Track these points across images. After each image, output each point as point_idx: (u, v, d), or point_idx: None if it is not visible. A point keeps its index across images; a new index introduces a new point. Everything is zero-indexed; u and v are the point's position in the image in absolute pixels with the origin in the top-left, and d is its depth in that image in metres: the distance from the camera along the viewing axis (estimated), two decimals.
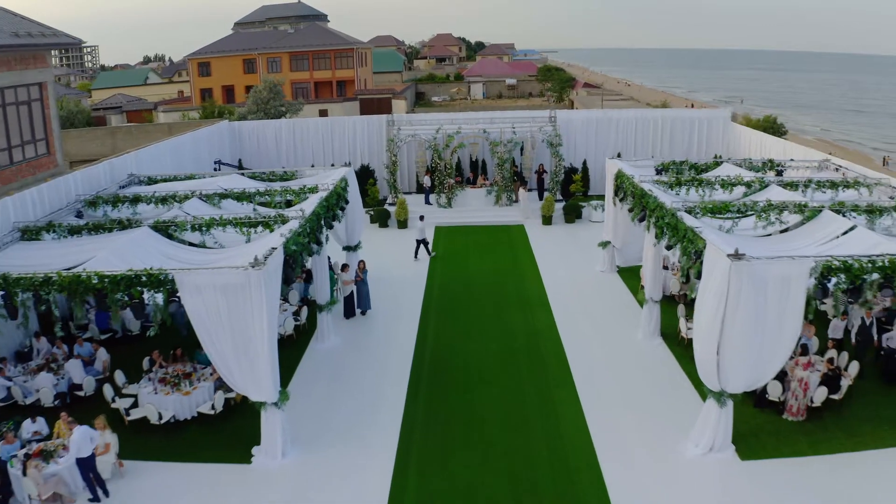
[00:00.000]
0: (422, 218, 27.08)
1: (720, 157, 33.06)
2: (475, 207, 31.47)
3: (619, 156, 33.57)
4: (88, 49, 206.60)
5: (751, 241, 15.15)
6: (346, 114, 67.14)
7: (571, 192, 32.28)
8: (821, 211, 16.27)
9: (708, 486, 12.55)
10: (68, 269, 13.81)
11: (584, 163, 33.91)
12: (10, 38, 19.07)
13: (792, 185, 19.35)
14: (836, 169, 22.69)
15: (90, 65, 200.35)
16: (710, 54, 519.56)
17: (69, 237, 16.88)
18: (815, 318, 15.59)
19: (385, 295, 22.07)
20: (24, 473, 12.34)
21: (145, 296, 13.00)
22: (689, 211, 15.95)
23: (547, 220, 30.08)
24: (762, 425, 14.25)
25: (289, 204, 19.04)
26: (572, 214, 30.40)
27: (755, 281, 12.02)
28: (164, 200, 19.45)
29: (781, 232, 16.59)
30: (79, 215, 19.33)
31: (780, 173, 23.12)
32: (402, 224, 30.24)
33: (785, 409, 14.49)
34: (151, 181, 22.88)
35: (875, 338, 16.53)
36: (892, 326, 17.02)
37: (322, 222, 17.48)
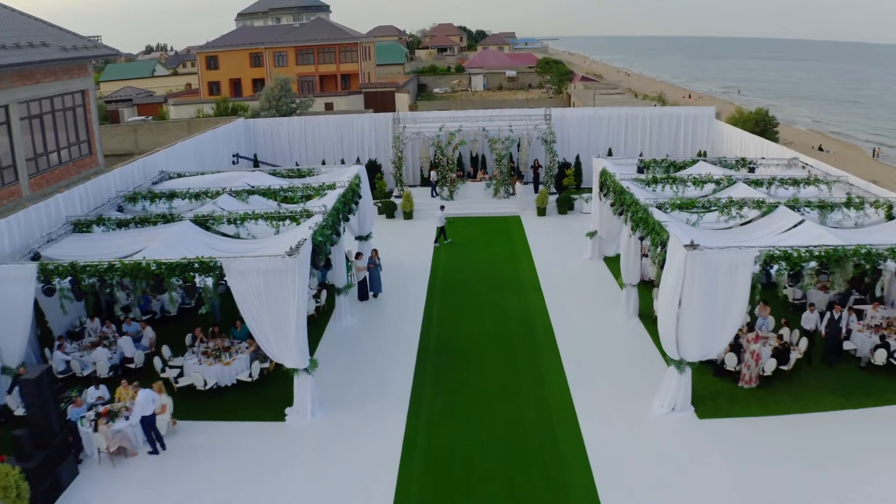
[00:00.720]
0: (442, 208, 29.58)
1: (704, 152, 35.50)
2: (475, 200, 33.82)
3: (609, 151, 36.11)
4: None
5: (712, 233, 17.58)
6: (351, 107, 69.43)
7: (564, 185, 34.61)
8: (776, 207, 18.65)
9: (670, 440, 14.96)
10: (123, 257, 16.25)
11: (577, 157, 36.25)
12: (59, 53, 21.39)
13: (757, 183, 21.71)
14: (803, 167, 25.04)
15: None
16: (712, 42, 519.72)
17: (118, 230, 19.28)
18: (790, 310, 18.06)
19: (394, 280, 24.47)
20: (95, 430, 14.76)
21: (197, 280, 15.38)
22: (660, 206, 18.34)
23: (541, 211, 32.43)
24: (719, 391, 16.68)
25: (308, 198, 21.43)
26: (565, 206, 32.74)
27: (707, 268, 14.43)
28: (197, 196, 21.88)
29: (742, 224, 18.96)
30: (119, 209, 21.72)
31: (752, 170, 25.50)
32: (408, 215, 32.60)
33: (740, 377, 16.91)
34: (180, 177, 25.30)
35: (843, 330, 18.14)
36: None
37: (340, 216, 19.86)
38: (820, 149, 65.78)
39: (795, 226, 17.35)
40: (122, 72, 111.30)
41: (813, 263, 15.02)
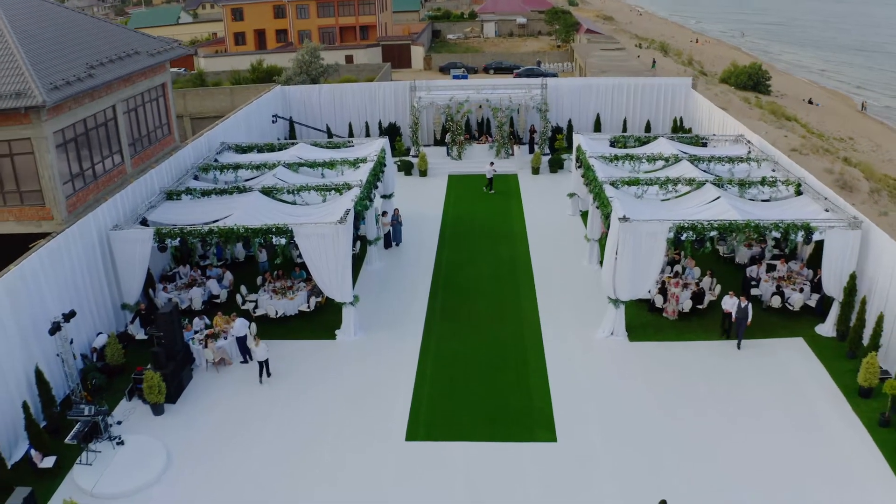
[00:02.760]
0: (492, 164, 35.71)
1: (681, 118, 40.62)
2: (480, 160, 39.26)
3: (598, 117, 41.28)
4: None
5: (651, 204, 23.30)
6: (370, 60, 73.90)
7: (556, 147, 40.00)
8: (704, 184, 24.25)
9: (606, 357, 20.98)
10: (212, 222, 22.23)
11: (570, 122, 41.49)
12: (149, 59, 26.91)
13: (699, 160, 27.19)
14: (747, 143, 30.29)
15: None
16: None
17: (202, 198, 25.16)
18: (720, 262, 23.82)
19: (412, 231, 30.33)
20: (205, 347, 20.99)
21: (273, 239, 21.36)
22: (613, 184, 24.02)
23: (535, 170, 37.99)
24: (649, 322, 22.70)
25: (349, 165, 27.17)
26: (556, 166, 38.23)
27: (633, 234, 20.30)
28: (258, 167, 27.73)
29: (678, 197, 24.59)
30: (196, 178, 27.60)
31: (704, 145, 30.90)
32: (423, 173, 38.25)
33: (665, 312, 22.92)
34: (238, 147, 31.07)
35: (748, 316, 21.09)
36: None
37: (372, 187, 25.71)
38: (809, 101, 69.39)
39: (712, 201, 22.98)
40: (148, 19, 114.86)
41: (713, 233, 20.80)
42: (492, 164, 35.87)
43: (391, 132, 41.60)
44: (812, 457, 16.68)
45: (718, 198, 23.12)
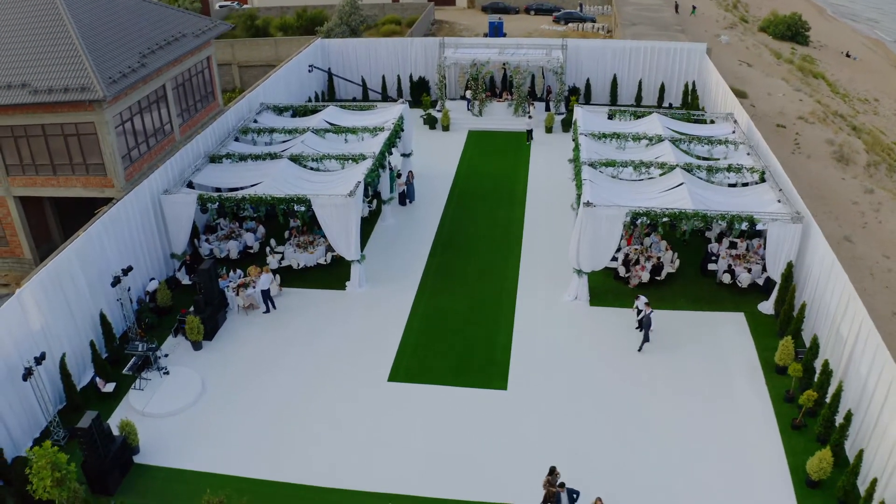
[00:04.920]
0: (530, 117, 38.79)
1: (693, 83, 41.78)
2: (499, 117, 41.60)
3: (614, 77, 42.76)
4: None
5: (618, 186, 25.81)
6: None
7: (570, 108, 41.88)
8: (674, 168, 26.52)
9: (567, 317, 24.09)
10: (246, 186, 25.83)
11: (588, 81, 43.11)
12: (195, 40, 29.93)
13: (679, 141, 29.22)
14: (734, 122, 31.92)
15: None
16: None
17: (239, 162, 28.65)
18: (683, 242, 26.31)
19: (426, 187, 33.35)
20: (237, 294, 24.96)
21: (295, 207, 24.89)
22: (592, 164, 26.52)
23: (548, 129, 40.16)
24: (612, 289, 25.63)
25: (373, 132, 30.21)
26: (568, 125, 40.18)
27: (594, 218, 23.09)
28: (290, 132, 31.02)
29: (650, 179, 26.96)
30: (236, 140, 31.06)
31: (696, 121, 32.66)
32: (446, 128, 40.86)
33: (628, 282, 25.81)
34: (276, 108, 34.31)
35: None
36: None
37: (384, 157, 28.75)
38: (847, 55, 67.59)
39: (675, 187, 25.34)
40: None
41: (665, 219, 23.39)
42: (530, 117, 38.44)
43: (420, 86, 44.14)
44: (714, 422, 19.64)
45: (682, 184, 25.43)
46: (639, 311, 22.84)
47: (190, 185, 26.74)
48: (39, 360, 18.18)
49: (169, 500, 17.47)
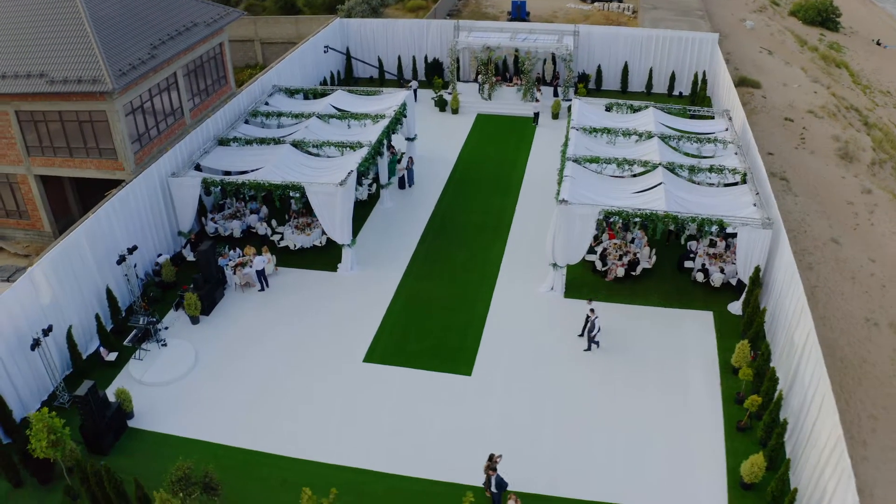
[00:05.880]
0: (537, 100, 39.76)
1: (704, 73, 41.68)
2: (508, 101, 42.17)
3: (626, 65, 42.86)
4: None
5: (598, 182, 26.56)
6: None
7: (579, 93, 42.20)
8: (656, 167, 27.12)
9: (540, 308, 25.09)
10: (249, 171, 27.31)
11: (599, 67, 43.30)
12: (207, 29, 31.20)
13: (668, 138, 29.67)
14: (729, 119, 32.14)
15: None
16: None
17: (245, 146, 30.10)
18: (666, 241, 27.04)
19: (427, 171, 34.44)
20: (234, 273, 26.62)
21: (291, 194, 26.33)
22: (577, 161, 27.28)
23: (555, 115, 40.65)
24: (589, 282, 26.56)
25: (369, 118, 31.30)
26: None
27: (568, 215, 24.01)
28: (297, 116, 32.31)
29: (634, 175, 27.61)
30: (246, 122, 32.48)
31: (692, 116, 32.96)
32: (455, 111, 41.65)
33: (605, 276, 26.74)
34: (288, 91, 35.57)
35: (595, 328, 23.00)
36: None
37: (380, 146, 29.86)
38: (877, 43, 65.47)
39: (654, 187, 26.00)
40: None
41: (637, 220, 24.19)
42: (536, 101, 39.23)
43: (435, 68, 44.90)
44: (664, 417, 20.63)
45: (660, 184, 26.04)
46: (587, 318, 23.24)
47: (198, 168, 28.34)
48: (46, 331, 20.15)
49: (155, 461, 19.32)
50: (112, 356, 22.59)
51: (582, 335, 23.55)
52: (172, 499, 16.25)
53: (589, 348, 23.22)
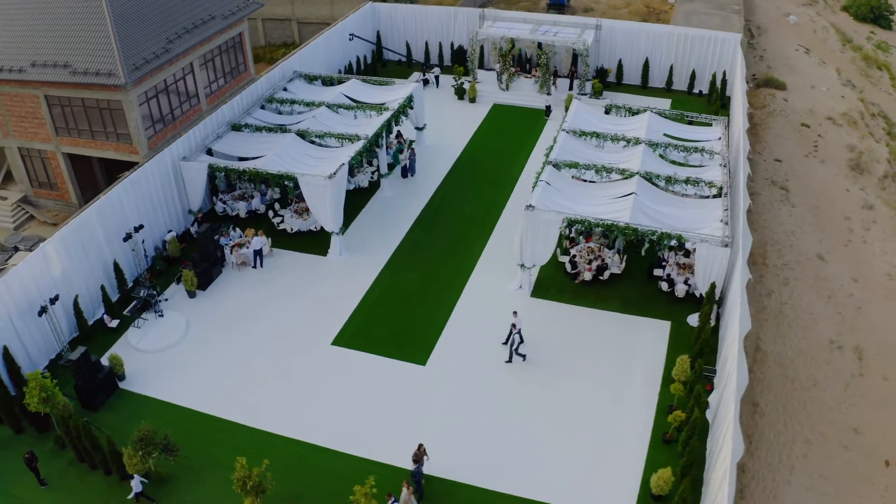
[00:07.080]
0: (549, 93, 40.56)
1: (724, 72, 41.23)
2: (525, 92, 42.82)
3: (647, 60, 42.83)
4: None
5: (574, 189, 27.50)
6: None
7: (594, 89, 42.50)
8: (633, 175, 27.80)
9: (505, 305, 26.04)
10: (255, 157, 29.42)
11: (619, 62, 43.37)
12: (223, 22, 33.12)
13: (656, 145, 30.11)
14: (725, 127, 32.23)
15: None
16: None
17: (255, 133, 32.17)
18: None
19: (430, 162, 35.84)
20: (231, 252, 28.94)
21: (286, 183, 28.38)
22: (556, 166, 28.23)
23: (567, 109, 41.12)
24: (559, 283, 27.66)
25: (378, 110, 32.86)
26: None
27: (534, 221, 25.19)
28: (309, 104, 34.16)
29: (612, 181, 28.33)
30: (262, 108, 34.50)
31: (690, 122, 33.15)
32: (472, 100, 42.60)
33: (575, 278, 27.84)
34: (308, 77, 37.38)
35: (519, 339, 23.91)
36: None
37: (377, 139, 31.41)
38: None
39: (625, 196, 26.77)
40: None
41: (599, 229, 25.18)
42: (549, 94, 39.95)
43: (460, 55, 45.84)
44: (595, 422, 21.73)
45: (632, 193, 26.75)
46: (511, 329, 23.82)
47: (209, 152, 30.66)
48: (53, 300, 22.98)
49: (135, 420, 21.77)
50: (114, 323, 25.37)
51: (506, 344, 24.26)
52: (135, 455, 18.83)
53: (510, 360, 23.92)
